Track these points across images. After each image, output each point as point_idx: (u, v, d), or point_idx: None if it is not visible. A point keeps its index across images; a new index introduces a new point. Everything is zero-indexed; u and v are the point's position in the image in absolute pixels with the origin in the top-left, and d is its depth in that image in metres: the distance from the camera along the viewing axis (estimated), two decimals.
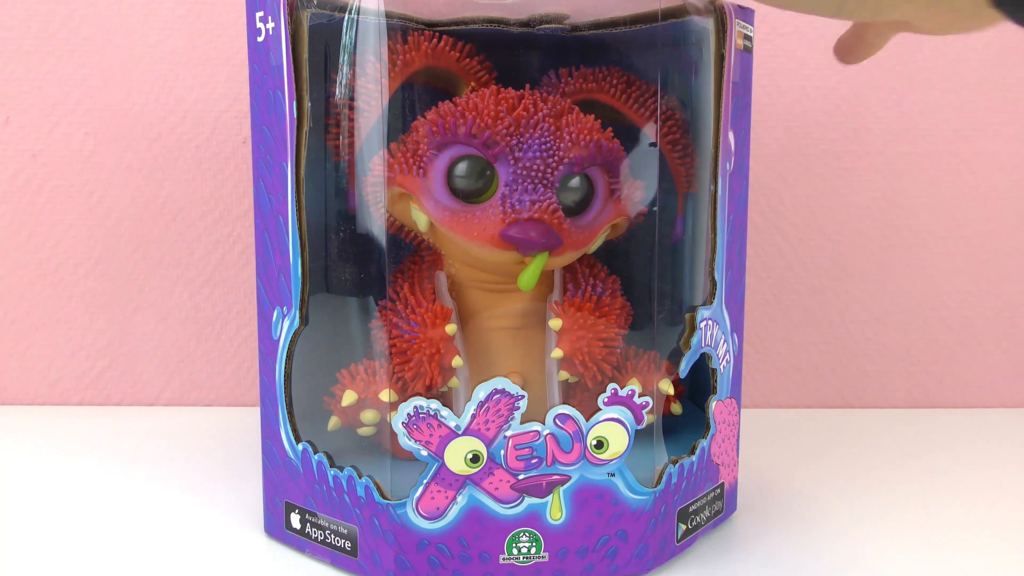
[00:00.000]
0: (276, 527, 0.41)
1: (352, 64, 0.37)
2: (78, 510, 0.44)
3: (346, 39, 0.37)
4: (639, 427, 0.36)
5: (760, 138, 0.62)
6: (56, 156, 0.60)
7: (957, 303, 0.65)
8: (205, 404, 0.64)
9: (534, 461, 0.35)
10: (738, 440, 0.43)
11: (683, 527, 0.39)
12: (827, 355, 0.65)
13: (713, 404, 0.40)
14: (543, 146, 0.38)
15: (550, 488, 0.35)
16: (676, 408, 0.44)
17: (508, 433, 0.34)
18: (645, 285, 0.45)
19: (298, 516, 0.40)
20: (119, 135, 0.60)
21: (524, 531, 0.35)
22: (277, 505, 0.41)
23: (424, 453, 0.34)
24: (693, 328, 0.38)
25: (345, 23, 0.37)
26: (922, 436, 0.58)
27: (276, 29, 0.37)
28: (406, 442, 0.34)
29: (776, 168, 0.63)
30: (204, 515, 0.44)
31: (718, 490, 0.41)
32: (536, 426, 0.35)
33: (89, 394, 0.63)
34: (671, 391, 0.40)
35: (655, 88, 0.42)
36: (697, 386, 0.46)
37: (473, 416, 0.34)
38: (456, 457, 0.34)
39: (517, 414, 0.34)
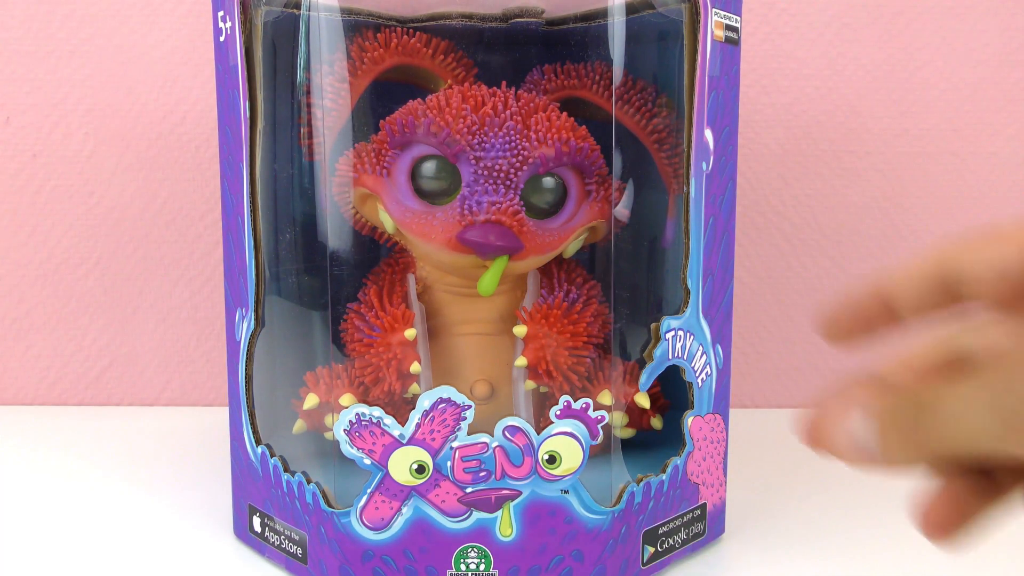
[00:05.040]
0: (242, 529, 0.40)
1: (319, 61, 0.36)
2: (77, 510, 0.45)
3: (308, 36, 0.36)
4: (594, 442, 0.34)
5: (760, 138, 0.61)
6: (56, 156, 0.61)
7: None
8: (205, 404, 0.64)
9: (482, 474, 0.33)
10: (725, 458, 0.41)
11: (651, 549, 0.37)
12: (827, 355, 0.64)
13: (690, 420, 0.38)
14: (506, 145, 0.36)
15: (499, 503, 0.33)
16: (656, 423, 0.42)
17: (455, 444, 0.33)
18: (644, 290, 0.43)
19: (259, 519, 0.39)
20: (119, 135, 0.61)
21: (473, 546, 0.34)
22: (242, 508, 0.40)
23: (367, 462, 0.33)
24: (657, 339, 0.36)
25: (302, 20, 0.36)
26: None
27: (233, 28, 0.37)
28: (348, 450, 0.33)
29: (776, 168, 0.62)
30: (195, 515, 0.44)
31: (697, 511, 0.39)
32: (484, 438, 0.33)
33: (89, 394, 0.63)
34: (647, 404, 0.38)
35: (641, 84, 0.40)
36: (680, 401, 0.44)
37: (418, 425, 0.33)
38: (400, 467, 0.33)
39: (464, 424, 0.33)
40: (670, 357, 0.36)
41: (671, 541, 0.38)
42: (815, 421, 0.19)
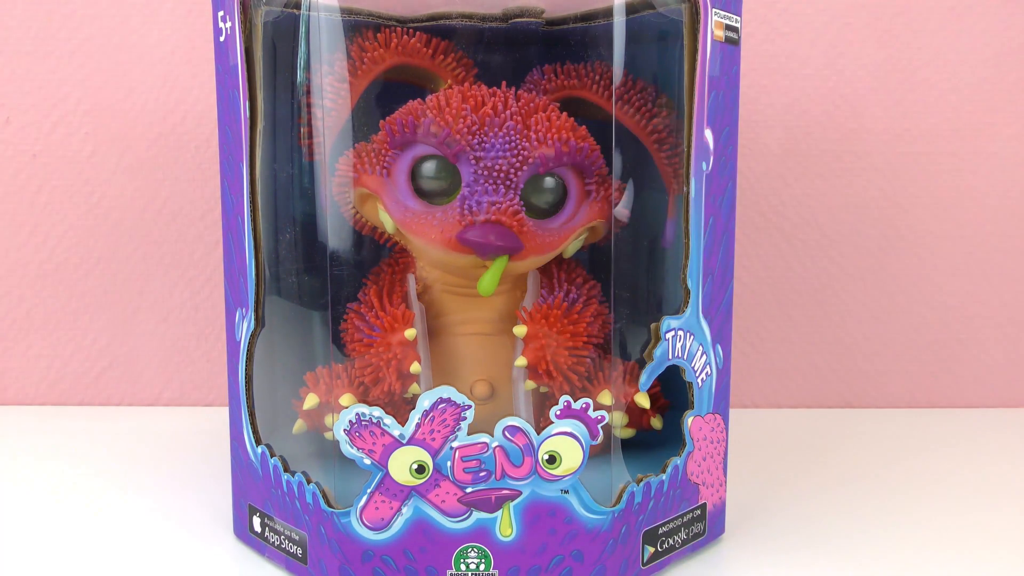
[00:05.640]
0: (242, 529, 0.40)
1: (319, 61, 0.36)
2: (77, 510, 0.45)
3: (308, 36, 0.36)
4: (594, 442, 0.34)
5: (760, 138, 0.61)
6: (56, 156, 0.61)
7: (957, 303, 0.64)
8: (205, 404, 0.64)
9: (482, 474, 0.33)
10: (725, 458, 0.41)
11: (651, 550, 0.37)
12: (827, 355, 0.64)
13: (690, 420, 0.38)
14: (506, 145, 0.36)
15: (499, 503, 0.33)
16: (656, 423, 0.42)
17: (455, 444, 0.33)
18: (644, 290, 0.43)
19: (259, 519, 0.39)
20: (119, 135, 0.61)
21: (473, 546, 0.34)
22: (242, 508, 0.40)
23: (367, 462, 0.33)
24: (657, 339, 0.36)
25: (302, 20, 0.36)
26: (922, 436, 0.58)
27: (233, 28, 0.37)
28: (348, 450, 0.33)
29: (776, 168, 0.62)
30: (195, 515, 0.44)
31: (697, 511, 0.39)
32: (484, 438, 0.33)
33: (89, 394, 0.63)
34: (647, 404, 0.38)
35: (642, 84, 0.40)
36: (680, 401, 0.44)
37: (418, 425, 0.33)
38: (400, 467, 0.33)
39: (464, 424, 0.33)
40: (670, 357, 0.36)
41: (671, 541, 0.38)
42: None
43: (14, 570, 0.38)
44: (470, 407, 0.33)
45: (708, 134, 0.37)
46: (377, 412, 0.33)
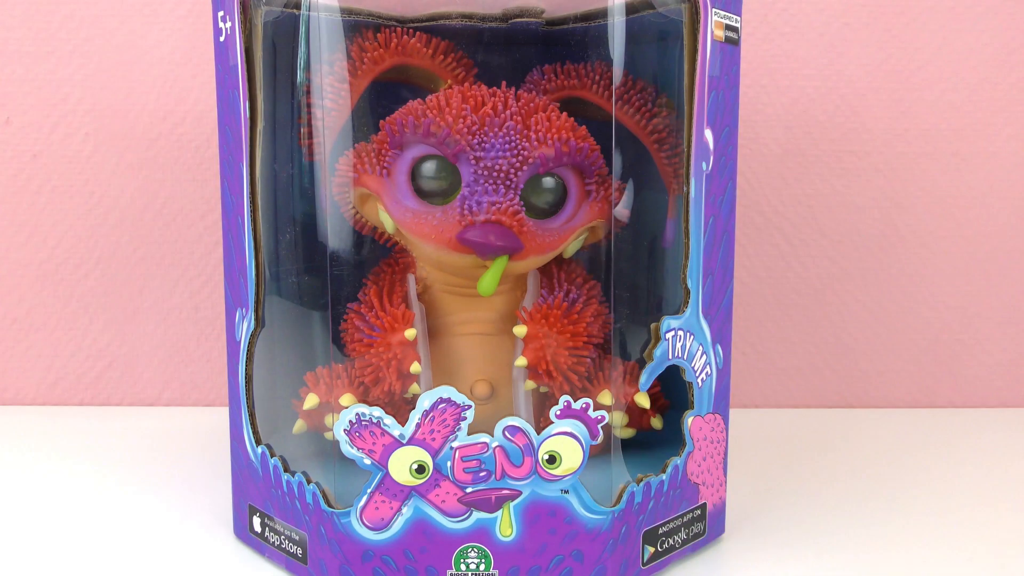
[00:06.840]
0: (242, 529, 0.40)
1: (319, 61, 0.36)
2: (77, 510, 0.45)
3: (308, 36, 0.36)
4: (594, 442, 0.34)
5: (760, 138, 0.61)
6: (56, 156, 0.61)
7: (957, 303, 0.64)
8: (205, 404, 0.64)
9: (482, 474, 0.33)
10: (725, 458, 0.41)
11: (651, 550, 0.37)
12: (827, 355, 0.64)
13: (690, 420, 0.38)
14: (506, 145, 0.36)
15: (500, 503, 0.33)
16: (656, 423, 0.42)
17: (455, 444, 0.33)
18: (644, 290, 0.43)
19: (259, 519, 0.39)
20: (119, 135, 0.61)
21: (473, 546, 0.34)
22: (242, 508, 0.40)
23: (367, 462, 0.33)
24: (657, 339, 0.36)
25: (302, 20, 0.36)
26: (922, 436, 0.58)
27: (233, 28, 0.37)
28: (348, 450, 0.33)
29: (776, 168, 0.62)
30: (195, 515, 0.44)
31: (697, 511, 0.39)
32: (484, 438, 0.33)
33: (89, 394, 0.63)
34: (647, 404, 0.38)
35: (641, 84, 0.40)
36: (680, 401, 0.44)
37: (418, 425, 0.33)
38: (401, 467, 0.33)
39: (464, 424, 0.33)
40: (670, 357, 0.36)
41: (671, 541, 0.38)
42: None
43: (14, 570, 0.38)
44: (470, 407, 0.33)
45: (708, 134, 0.37)
46: (377, 412, 0.33)
